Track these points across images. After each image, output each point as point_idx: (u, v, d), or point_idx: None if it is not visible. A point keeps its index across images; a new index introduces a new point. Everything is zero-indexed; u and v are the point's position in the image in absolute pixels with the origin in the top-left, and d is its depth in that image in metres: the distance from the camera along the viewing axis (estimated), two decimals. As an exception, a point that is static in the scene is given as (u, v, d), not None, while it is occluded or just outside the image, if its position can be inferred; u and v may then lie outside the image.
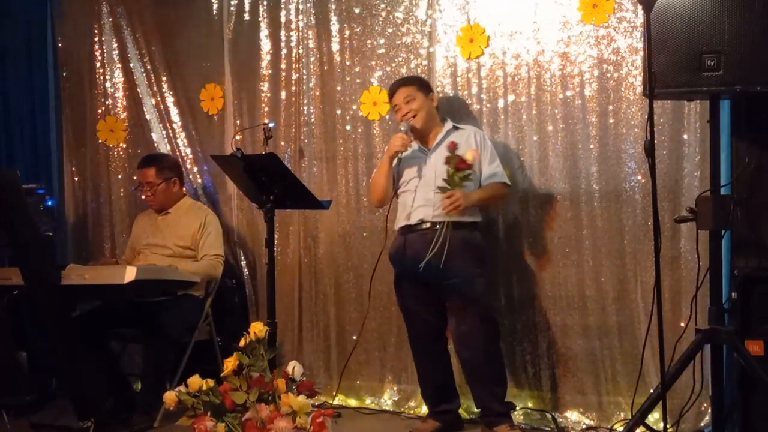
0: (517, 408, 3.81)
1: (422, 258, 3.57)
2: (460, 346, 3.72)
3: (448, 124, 3.81)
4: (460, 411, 3.93)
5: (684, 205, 3.51)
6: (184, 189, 4.56)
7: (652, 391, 3.42)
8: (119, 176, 5.01)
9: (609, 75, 3.78)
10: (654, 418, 3.45)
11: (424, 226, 3.66)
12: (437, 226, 3.60)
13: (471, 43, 4.03)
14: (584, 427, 3.80)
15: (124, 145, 5.01)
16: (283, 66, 4.53)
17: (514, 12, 3.94)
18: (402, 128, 3.74)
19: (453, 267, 3.58)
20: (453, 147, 3.59)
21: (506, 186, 3.76)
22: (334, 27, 4.39)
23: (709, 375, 3.25)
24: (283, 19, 4.50)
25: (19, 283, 3.61)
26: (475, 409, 4.00)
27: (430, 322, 3.77)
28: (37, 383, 4.37)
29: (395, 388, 4.26)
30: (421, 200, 3.68)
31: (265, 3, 4.56)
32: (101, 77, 5.02)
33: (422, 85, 3.84)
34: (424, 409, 3.99)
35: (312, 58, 4.45)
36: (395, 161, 3.73)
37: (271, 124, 4.38)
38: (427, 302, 3.73)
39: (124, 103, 5.01)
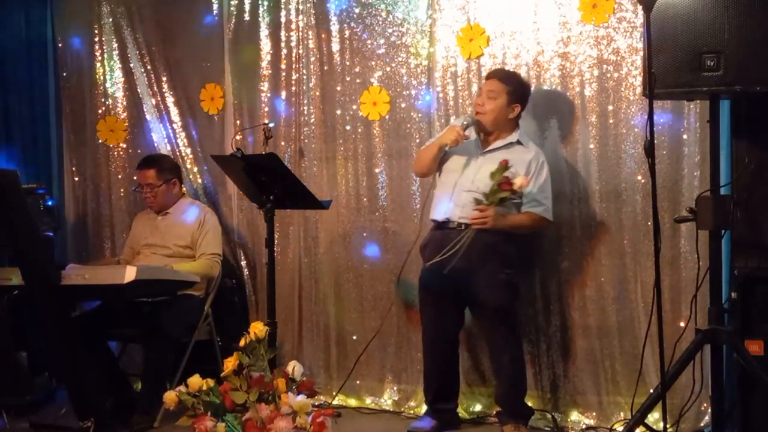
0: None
1: (450, 259, 3.54)
2: (488, 348, 3.76)
3: (514, 136, 3.68)
4: (459, 410, 3.94)
5: (684, 205, 3.51)
6: (183, 189, 4.56)
7: (652, 390, 3.42)
8: (119, 176, 5.01)
9: (609, 75, 3.79)
10: (654, 417, 3.45)
11: (450, 225, 3.63)
12: (461, 227, 3.58)
13: (471, 43, 4.03)
14: (584, 427, 3.80)
15: (124, 145, 5.01)
16: (283, 66, 4.53)
17: (514, 12, 3.94)
18: (465, 121, 3.68)
19: (476, 272, 3.56)
20: (505, 165, 3.48)
21: (545, 221, 3.65)
22: (334, 27, 4.39)
23: (709, 375, 3.25)
24: (283, 20, 4.50)
25: (19, 283, 3.61)
26: (475, 409, 4.02)
27: (447, 323, 3.74)
28: (37, 383, 4.38)
29: (395, 388, 4.26)
30: (454, 198, 3.64)
31: (265, 3, 4.55)
32: (101, 77, 5.02)
33: (516, 89, 3.66)
34: (424, 409, 3.99)
35: (312, 58, 4.45)
36: (443, 151, 3.67)
37: (271, 124, 4.38)
38: (449, 305, 3.70)
39: (124, 103, 5.01)
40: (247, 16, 4.61)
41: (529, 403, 3.78)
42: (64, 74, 5.13)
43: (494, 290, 3.58)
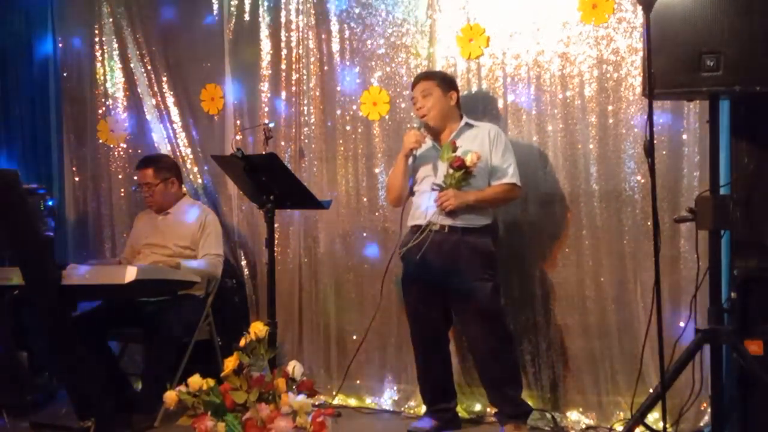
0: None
1: (431, 259, 3.57)
2: (470, 348, 3.81)
3: (462, 122, 3.77)
4: (459, 410, 3.95)
5: (684, 205, 3.51)
6: (184, 189, 4.57)
7: (651, 390, 3.42)
8: (119, 176, 5.02)
9: (608, 75, 3.79)
10: (653, 417, 3.46)
11: (429, 226, 3.64)
12: (446, 229, 3.61)
13: (471, 43, 4.03)
14: (584, 426, 3.80)
15: (125, 145, 5.02)
16: (283, 66, 4.53)
17: (513, 12, 3.94)
18: (415, 125, 3.74)
19: (459, 271, 3.60)
20: (453, 146, 3.56)
21: (514, 187, 3.69)
22: (334, 27, 4.39)
23: (709, 375, 3.25)
24: (283, 20, 4.51)
25: (19, 283, 3.61)
26: (475, 409, 4.03)
27: (435, 322, 3.77)
28: (37, 383, 4.38)
29: (395, 388, 4.26)
30: (431, 200, 3.66)
31: (265, 3, 4.56)
32: (101, 77, 5.03)
33: (444, 81, 3.78)
34: (424, 409, 3.99)
35: (312, 59, 4.46)
36: (411, 159, 3.72)
37: (271, 125, 4.38)
38: (432, 303, 3.73)
39: (125, 103, 5.02)
40: (247, 16, 4.61)
41: (529, 403, 3.78)
42: (65, 74, 5.14)
43: (478, 289, 3.61)
